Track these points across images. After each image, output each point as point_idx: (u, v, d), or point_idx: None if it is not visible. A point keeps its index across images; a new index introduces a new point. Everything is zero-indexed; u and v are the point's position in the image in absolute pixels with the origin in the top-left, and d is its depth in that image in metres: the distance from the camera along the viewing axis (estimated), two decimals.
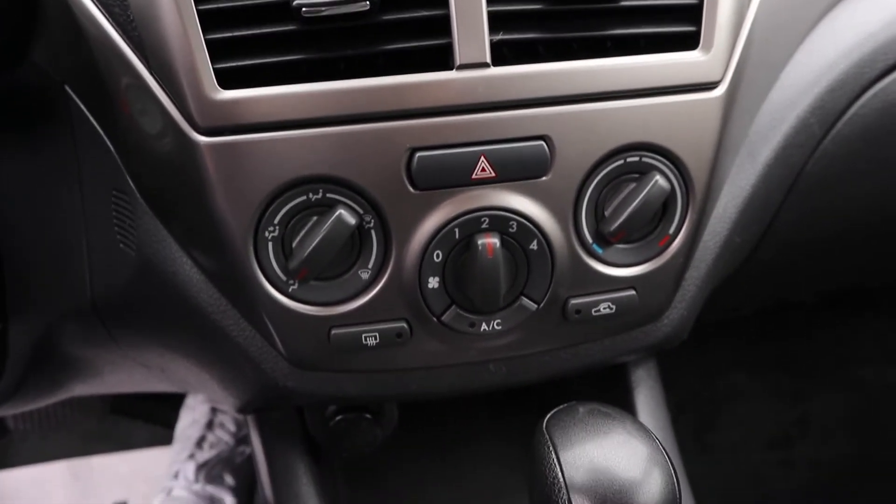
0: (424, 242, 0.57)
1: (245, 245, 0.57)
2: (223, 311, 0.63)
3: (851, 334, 1.76)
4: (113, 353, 0.79)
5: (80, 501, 1.58)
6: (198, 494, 1.23)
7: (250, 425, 0.80)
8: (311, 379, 0.63)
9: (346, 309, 0.59)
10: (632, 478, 0.44)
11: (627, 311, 0.62)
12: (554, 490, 0.44)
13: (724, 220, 0.69)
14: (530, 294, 0.60)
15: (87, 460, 1.61)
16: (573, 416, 0.47)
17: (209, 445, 1.32)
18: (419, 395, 0.65)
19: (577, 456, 0.45)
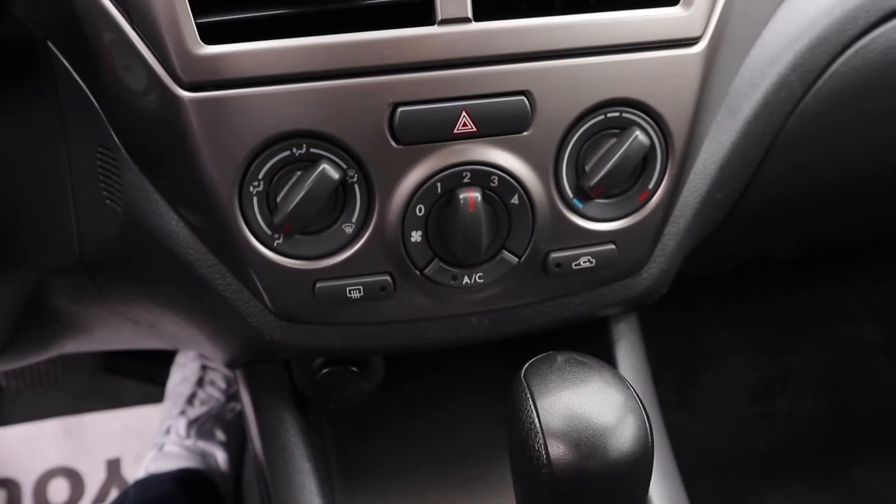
0: (407, 197, 0.58)
1: (230, 200, 0.58)
2: (210, 265, 0.64)
3: (832, 292, 1.79)
4: (102, 309, 0.80)
5: (73, 458, 1.60)
6: (189, 450, 1.26)
7: (239, 380, 0.82)
8: (297, 332, 0.65)
9: (331, 262, 0.60)
10: (606, 423, 0.46)
11: (607, 265, 0.64)
12: (531, 435, 0.46)
13: (704, 175, 0.70)
14: (511, 248, 0.61)
15: (80, 418, 1.63)
16: (551, 364, 0.49)
17: (200, 402, 1.34)
18: (403, 347, 0.66)
19: (554, 403, 0.46)
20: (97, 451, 1.60)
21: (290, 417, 0.75)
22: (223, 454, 1.27)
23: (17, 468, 1.59)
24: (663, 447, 0.76)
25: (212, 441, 1.28)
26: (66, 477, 1.59)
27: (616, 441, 0.45)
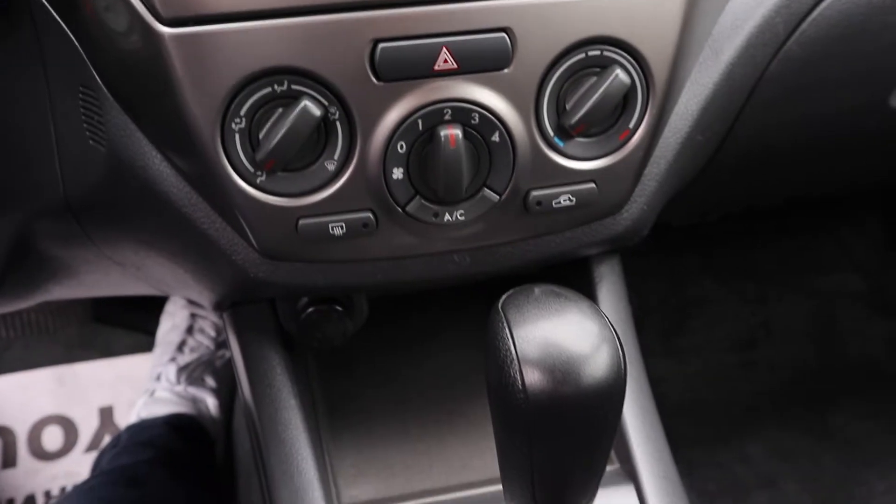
0: (388, 134, 0.58)
1: (212, 137, 0.58)
2: (194, 204, 0.64)
3: (815, 242, 1.81)
4: (88, 252, 0.81)
5: (66, 406, 1.62)
6: (180, 395, 1.27)
7: (225, 322, 0.83)
8: (281, 269, 0.65)
9: (314, 200, 0.60)
10: (580, 352, 0.47)
11: (587, 204, 0.65)
12: (507, 363, 0.47)
13: (685, 117, 0.71)
14: (492, 185, 0.62)
15: (72, 367, 1.65)
16: (528, 296, 0.50)
17: (189, 349, 1.36)
18: (386, 284, 0.67)
19: (530, 332, 0.47)
20: (90, 399, 1.62)
21: (276, 356, 0.76)
22: (213, 400, 1.29)
23: (10, 416, 1.61)
24: (644, 392, 0.78)
25: (202, 387, 1.30)
26: (59, 424, 1.61)
27: (590, 368, 0.46)
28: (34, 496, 1.53)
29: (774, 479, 1.48)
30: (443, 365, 0.83)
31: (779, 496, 1.43)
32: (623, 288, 0.83)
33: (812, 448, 1.57)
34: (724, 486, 1.45)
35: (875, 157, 1.12)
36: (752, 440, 1.55)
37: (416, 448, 0.76)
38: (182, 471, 1.12)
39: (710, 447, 1.52)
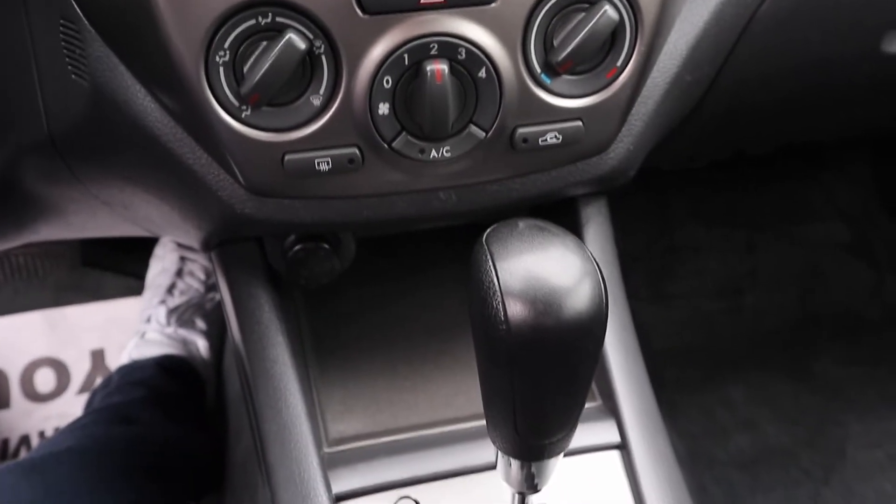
0: (374, 68, 0.58)
1: (196, 70, 0.58)
2: (179, 139, 0.64)
3: (803, 191, 1.82)
4: (75, 191, 0.80)
5: (57, 349, 1.63)
6: (170, 337, 1.28)
7: (214, 261, 0.83)
8: (267, 205, 0.66)
9: (299, 135, 0.60)
10: (563, 284, 0.47)
11: (574, 142, 0.65)
12: (489, 294, 0.48)
13: (674, 56, 0.70)
14: (479, 122, 0.61)
15: (62, 310, 1.65)
16: (512, 229, 0.50)
17: (179, 292, 1.36)
18: (372, 222, 0.67)
19: (513, 264, 0.48)
20: (81, 342, 1.63)
21: (264, 294, 0.76)
22: (204, 342, 1.30)
23: (2, 358, 1.62)
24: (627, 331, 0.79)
25: (192, 329, 1.31)
26: (51, 367, 1.62)
27: (571, 301, 0.47)
28: (28, 436, 1.55)
29: (755, 421, 1.51)
30: (430, 304, 0.84)
31: (759, 438, 1.47)
32: (609, 230, 0.84)
33: (793, 392, 1.60)
34: (706, 429, 1.48)
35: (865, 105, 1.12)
36: (734, 385, 1.58)
37: (402, 385, 0.77)
38: (173, 410, 1.13)
39: (693, 391, 1.55)
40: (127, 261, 1.62)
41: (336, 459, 0.68)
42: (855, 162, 1.88)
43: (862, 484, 1.38)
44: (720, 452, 1.44)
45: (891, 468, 1.43)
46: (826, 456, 1.45)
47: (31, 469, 0.87)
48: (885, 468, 1.42)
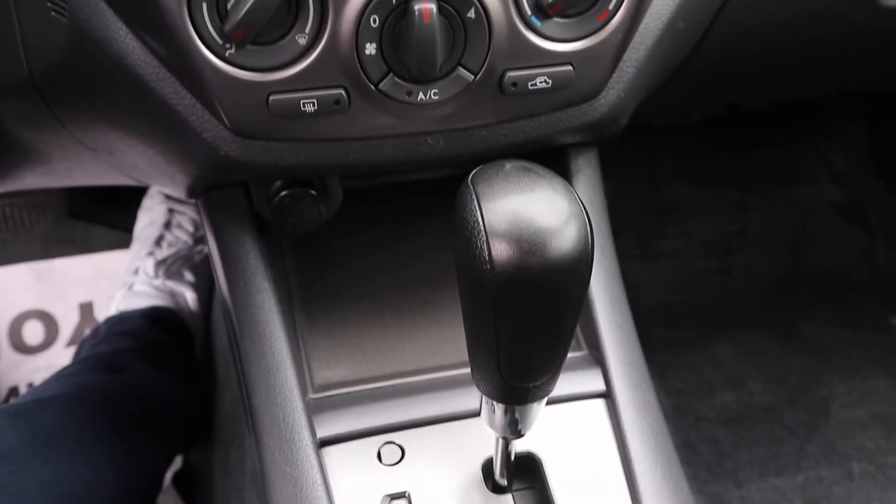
0: (361, 6, 0.56)
1: (179, 6, 0.56)
2: (162, 79, 0.63)
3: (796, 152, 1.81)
4: (59, 136, 0.79)
5: (45, 301, 1.62)
6: (158, 289, 1.28)
7: (200, 208, 0.83)
8: (252, 148, 0.65)
9: (285, 75, 0.59)
10: (548, 225, 0.47)
11: (564, 87, 0.64)
12: (474, 234, 0.47)
13: (667, 2, 0.69)
14: (467, 64, 0.60)
15: (50, 263, 1.64)
16: (499, 170, 0.50)
17: (167, 244, 1.35)
18: (359, 166, 0.66)
19: (499, 204, 0.47)
20: (69, 295, 1.63)
21: (250, 241, 0.76)
22: (192, 294, 1.29)
23: None
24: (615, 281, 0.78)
25: (180, 281, 1.30)
26: (39, 319, 1.62)
27: (556, 242, 0.47)
28: (17, 388, 1.56)
29: (741, 379, 1.52)
30: (417, 255, 0.83)
31: (744, 396, 1.48)
32: (599, 181, 0.83)
33: (780, 352, 1.61)
34: (692, 386, 1.49)
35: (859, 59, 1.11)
36: (722, 344, 1.59)
37: (388, 333, 0.77)
38: (160, 360, 1.13)
39: (681, 350, 1.56)
40: (115, 213, 1.61)
41: (321, 405, 0.68)
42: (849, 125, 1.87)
43: (844, 441, 1.40)
44: (706, 409, 1.45)
45: (872, 426, 1.45)
46: (810, 414, 1.47)
47: (17, 414, 0.87)
48: (867, 426, 1.44)
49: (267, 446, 0.66)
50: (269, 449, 0.66)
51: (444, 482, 0.64)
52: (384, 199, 0.88)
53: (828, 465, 1.36)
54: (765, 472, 1.34)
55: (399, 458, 0.65)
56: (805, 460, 1.37)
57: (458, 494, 0.63)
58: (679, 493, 0.64)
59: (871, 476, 1.34)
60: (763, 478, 1.32)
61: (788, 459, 1.37)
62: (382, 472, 0.64)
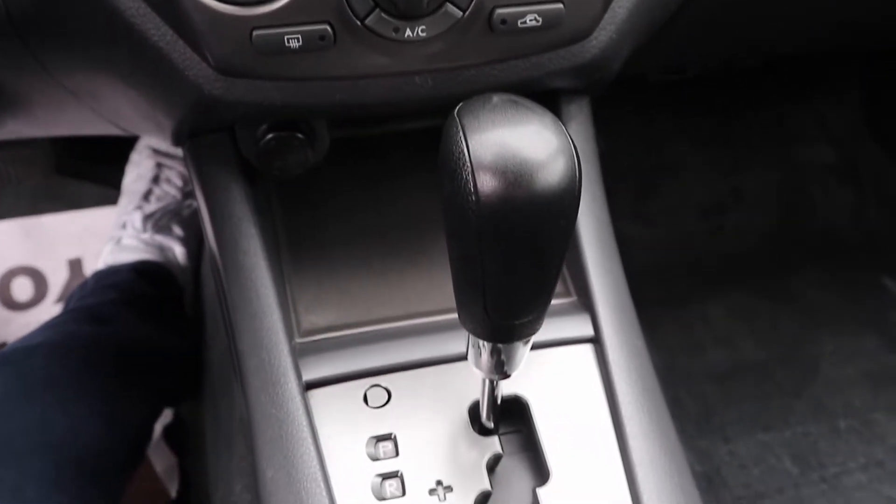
0: None
1: None
2: (143, 14, 0.61)
3: (792, 112, 1.80)
4: (41, 81, 0.77)
5: (34, 258, 1.61)
6: (146, 243, 1.27)
7: (186, 157, 0.81)
8: (237, 86, 0.63)
9: (268, 9, 0.57)
10: (535, 158, 0.46)
11: (554, 25, 0.62)
12: (459, 165, 0.46)
13: None
14: (455, 0, 0.59)
15: (38, 219, 1.63)
16: (486, 103, 0.48)
17: (156, 199, 1.34)
18: (345, 106, 0.65)
19: (485, 137, 0.46)
20: (58, 251, 1.61)
21: (237, 187, 0.75)
22: (181, 248, 1.28)
23: None
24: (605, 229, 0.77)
25: (169, 235, 1.29)
26: (28, 276, 1.61)
27: (543, 175, 0.46)
28: (6, 343, 1.55)
29: (732, 338, 1.53)
30: (406, 203, 0.82)
31: (734, 353, 1.49)
32: (591, 130, 0.82)
33: (770, 311, 1.61)
34: (683, 344, 1.49)
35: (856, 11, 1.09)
36: (713, 303, 1.59)
37: (376, 280, 0.76)
38: (148, 313, 1.13)
39: (672, 308, 1.56)
40: (103, 169, 1.59)
41: (307, 349, 0.68)
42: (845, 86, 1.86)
43: (831, 398, 1.41)
44: (696, 367, 1.46)
45: (860, 384, 1.45)
46: (799, 372, 1.48)
47: (4, 362, 0.86)
48: (855, 384, 1.45)
49: (252, 389, 0.66)
50: (255, 392, 0.65)
51: (430, 425, 0.63)
52: (372, 149, 0.87)
53: (815, 421, 1.37)
54: (752, 427, 1.35)
55: (385, 401, 0.65)
56: (793, 416, 1.38)
57: (444, 437, 0.63)
58: (666, 436, 0.64)
59: (857, 432, 1.35)
60: (751, 433, 1.33)
61: (776, 416, 1.38)
62: (368, 415, 0.64)
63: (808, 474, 1.28)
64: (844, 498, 1.25)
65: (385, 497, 0.60)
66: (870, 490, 1.26)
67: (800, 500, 1.25)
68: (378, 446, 0.62)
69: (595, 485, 0.61)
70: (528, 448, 0.65)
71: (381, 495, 0.60)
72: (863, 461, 1.31)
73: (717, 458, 1.29)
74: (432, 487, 0.60)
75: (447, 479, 0.61)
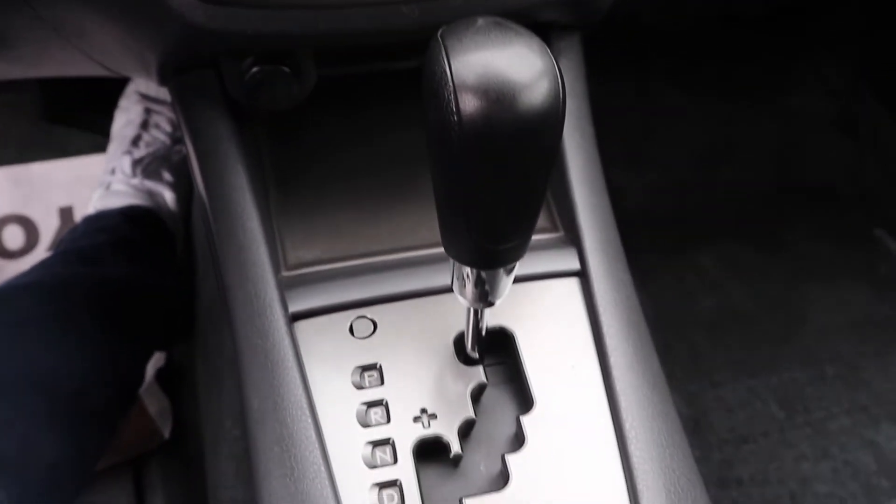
0: None
1: None
2: None
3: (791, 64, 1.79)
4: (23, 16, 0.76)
5: (24, 206, 1.60)
6: (136, 188, 1.26)
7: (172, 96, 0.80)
8: (220, 14, 0.62)
9: None
10: (519, 80, 0.45)
11: None
12: (441, 85, 0.45)
13: None
14: None
15: (27, 167, 1.61)
16: (470, 24, 0.48)
17: (145, 144, 1.33)
18: (330, 35, 0.64)
19: (469, 57, 0.45)
20: (48, 200, 1.60)
21: (223, 123, 0.74)
22: (171, 194, 1.28)
23: None
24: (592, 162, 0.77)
25: (159, 181, 1.28)
26: (19, 224, 1.60)
27: (527, 95, 0.45)
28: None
29: (722, 287, 1.53)
30: (394, 141, 0.82)
31: (724, 302, 1.50)
32: (582, 69, 0.81)
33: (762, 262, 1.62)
34: (674, 292, 1.50)
35: None
36: (705, 252, 1.59)
37: (363, 216, 0.76)
38: (139, 256, 1.12)
39: (664, 256, 1.56)
40: (92, 116, 1.57)
41: (293, 282, 0.68)
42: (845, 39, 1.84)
43: (819, 346, 1.42)
44: (686, 314, 1.47)
45: (848, 333, 1.47)
46: (787, 320, 1.49)
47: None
48: (843, 332, 1.46)
49: (239, 321, 0.66)
50: (241, 323, 0.66)
51: (415, 355, 0.64)
52: (361, 90, 0.86)
53: (802, 367, 1.38)
54: (740, 373, 1.36)
55: (371, 332, 0.65)
56: (780, 363, 1.40)
57: (429, 366, 0.63)
58: (649, 366, 0.64)
59: (843, 378, 1.37)
60: (738, 379, 1.35)
61: (764, 362, 1.40)
62: (354, 345, 0.64)
63: (793, 418, 1.30)
64: (828, 441, 1.27)
65: (370, 424, 0.61)
66: (853, 434, 1.28)
67: (784, 444, 1.27)
68: (363, 375, 0.63)
69: (578, 413, 0.62)
70: (512, 380, 0.66)
71: (366, 422, 0.61)
72: (847, 406, 1.33)
73: (704, 402, 1.30)
74: (417, 415, 0.61)
75: (432, 406, 0.61)
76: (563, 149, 0.74)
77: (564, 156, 0.74)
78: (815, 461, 1.24)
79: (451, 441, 0.60)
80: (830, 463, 1.24)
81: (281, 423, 0.59)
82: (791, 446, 1.26)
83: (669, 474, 0.59)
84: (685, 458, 0.60)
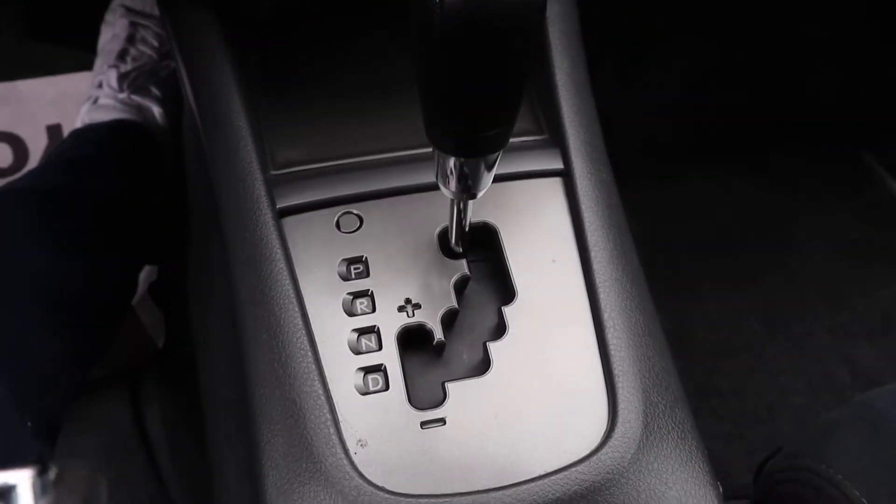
0: None
1: None
2: None
3: None
4: None
5: (12, 124, 1.59)
6: (124, 102, 1.25)
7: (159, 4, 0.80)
8: None
9: None
10: None
11: None
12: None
13: None
14: None
15: (13, 84, 1.60)
16: None
17: (132, 59, 1.31)
18: None
19: None
20: (36, 117, 1.59)
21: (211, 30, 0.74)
22: (159, 109, 1.27)
23: None
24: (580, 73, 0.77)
25: (147, 96, 1.27)
26: (7, 142, 1.59)
27: None
28: None
29: (711, 209, 1.55)
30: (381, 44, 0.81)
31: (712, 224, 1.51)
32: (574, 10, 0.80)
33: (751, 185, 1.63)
34: (662, 214, 1.51)
35: None
36: (695, 175, 1.60)
37: (352, 119, 0.76)
38: (127, 168, 1.12)
39: (654, 179, 1.57)
40: (78, 33, 1.55)
41: (281, 179, 0.69)
42: None
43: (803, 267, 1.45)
44: (673, 236, 1.48)
45: (833, 255, 1.49)
46: (773, 243, 1.51)
47: None
48: (828, 255, 1.49)
49: (228, 216, 0.67)
50: (230, 220, 0.67)
51: (400, 248, 0.65)
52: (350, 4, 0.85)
53: (786, 287, 1.41)
54: (724, 292, 1.39)
55: (357, 227, 0.66)
56: (764, 283, 1.42)
57: (414, 259, 0.65)
58: (629, 261, 0.66)
59: (825, 298, 1.40)
60: (723, 297, 1.37)
61: (748, 282, 1.42)
62: (341, 239, 0.65)
63: (774, 335, 1.33)
64: (807, 357, 1.31)
65: (355, 313, 0.62)
66: (832, 350, 1.32)
67: (765, 359, 1.30)
68: (349, 268, 0.64)
69: (559, 304, 0.63)
70: (495, 276, 0.67)
71: (352, 311, 0.62)
72: (828, 324, 1.36)
73: (687, 317, 1.33)
74: (401, 305, 0.63)
75: (416, 297, 0.63)
76: (549, 52, 0.74)
77: (550, 58, 0.74)
78: (794, 375, 1.28)
79: (434, 329, 0.62)
80: (807, 377, 1.27)
81: (268, 311, 0.61)
82: (770, 361, 1.29)
83: (645, 361, 0.61)
84: (660, 348, 0.62)
